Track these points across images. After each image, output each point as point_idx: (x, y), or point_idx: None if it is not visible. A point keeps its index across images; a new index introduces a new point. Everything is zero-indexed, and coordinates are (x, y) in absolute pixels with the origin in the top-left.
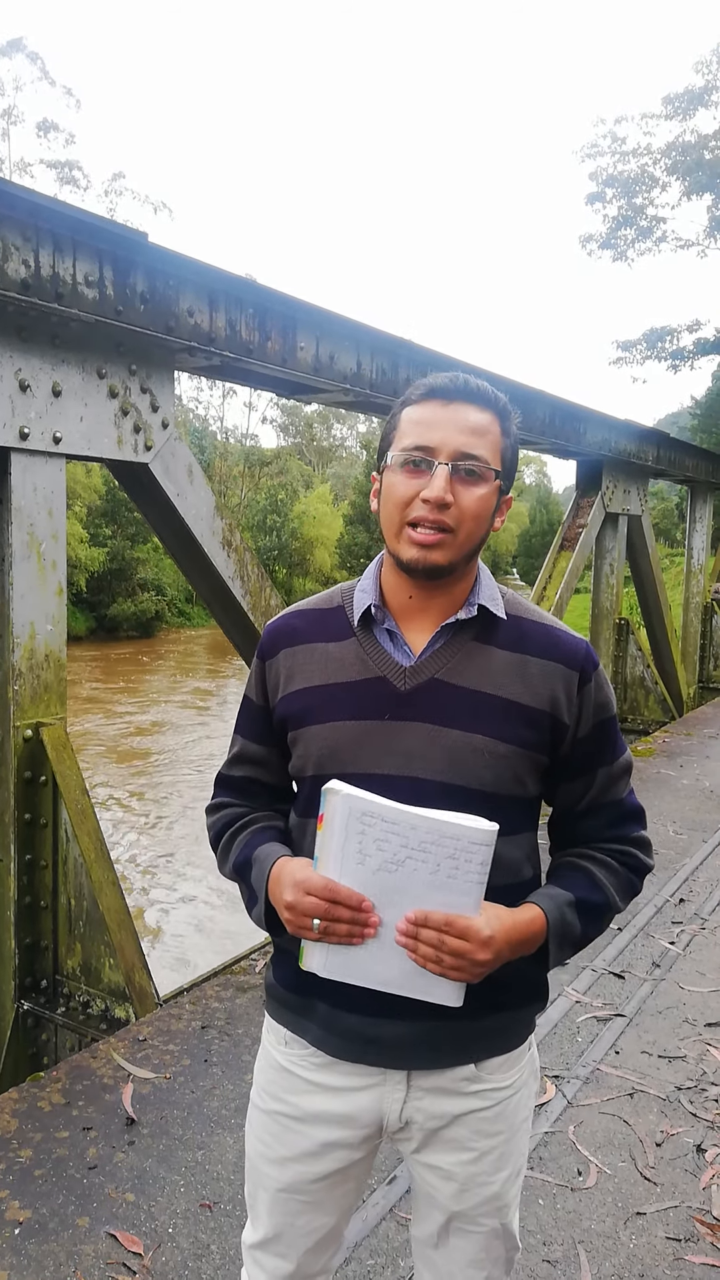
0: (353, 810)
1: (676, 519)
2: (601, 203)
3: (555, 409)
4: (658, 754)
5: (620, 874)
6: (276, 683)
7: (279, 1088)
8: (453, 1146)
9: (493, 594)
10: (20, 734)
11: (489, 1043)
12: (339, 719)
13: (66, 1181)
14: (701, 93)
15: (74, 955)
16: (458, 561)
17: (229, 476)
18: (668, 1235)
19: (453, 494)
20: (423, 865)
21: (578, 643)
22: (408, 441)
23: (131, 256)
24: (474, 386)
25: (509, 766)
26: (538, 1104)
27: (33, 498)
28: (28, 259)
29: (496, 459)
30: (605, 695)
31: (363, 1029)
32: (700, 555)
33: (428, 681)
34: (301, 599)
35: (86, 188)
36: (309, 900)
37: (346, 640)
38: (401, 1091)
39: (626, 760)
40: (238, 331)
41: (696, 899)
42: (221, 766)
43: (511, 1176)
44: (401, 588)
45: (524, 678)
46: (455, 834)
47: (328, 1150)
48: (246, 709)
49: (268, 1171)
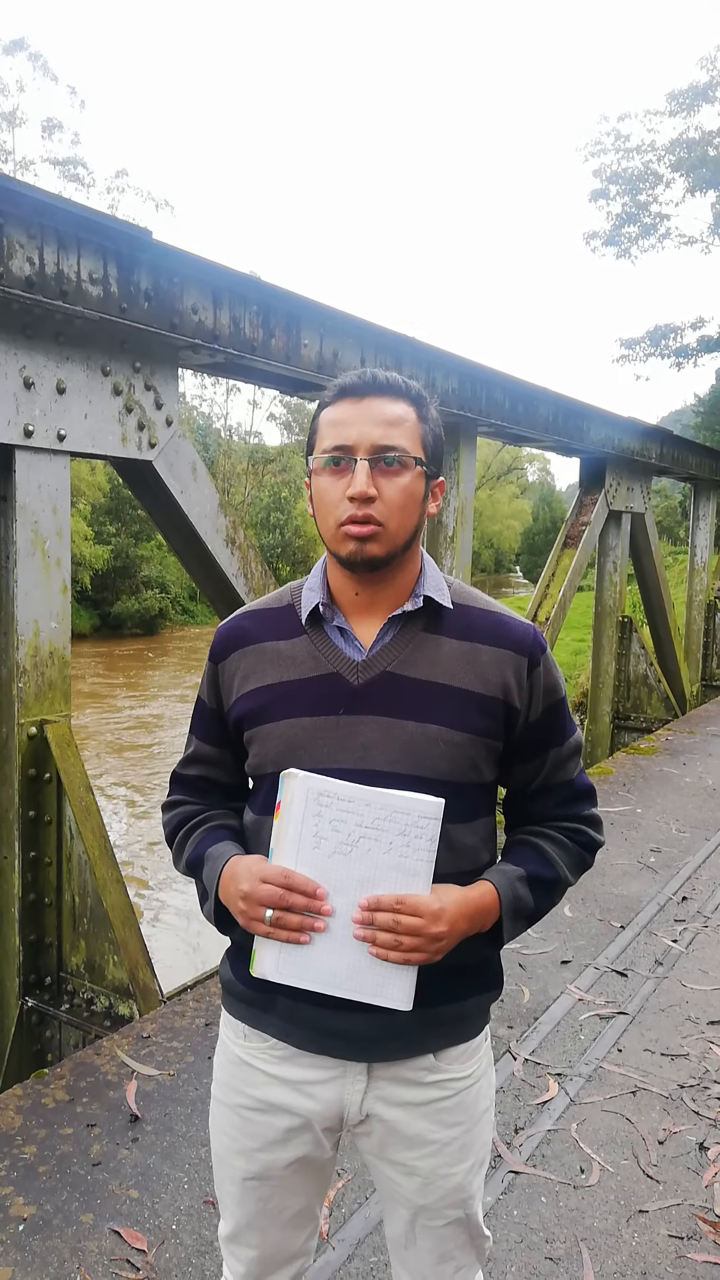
0: (310, 790)
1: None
2: (605, 200)
3: (558, 406)
4: (661, 752)
5: (571, 849)
6: (230, 684)
7: (239, 1081)
8: (414, 1141)
9: (438, 584)
10: (25, 731)
11: (447, 1032)
12: (295, 716)
13: (70, 1178)
14: (706, 88)
15: (78, 952)
16: (395, 551)
17: (233, 474)
18: (670, 1233)
19: (376, 487)
20: (376, 845)
21: (525, 628)
22: (327, 443)
23: (135, 254)
24: (383, 379)
25: (465, 754)
26: (539, 1101)
27: (37, 495)
28: (32, 256)
29: (416, 446)
30: (554, 678)
31: (324, 1021)
32: (703, 553)
33: (380, 675)
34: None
35: (90, 185)
36: (265, 888)
37: (298, 638)
38: (362, 1083)
39: (576, 741)
40: (241, 329)
41: (699, 897)
42: (176, 765)
43: (474, 1167)
44: (347, 585)
45: (475, 665)
46: (405, 808)
47: (292, 1136)
48: (200, 711)
49: (235, 1163)
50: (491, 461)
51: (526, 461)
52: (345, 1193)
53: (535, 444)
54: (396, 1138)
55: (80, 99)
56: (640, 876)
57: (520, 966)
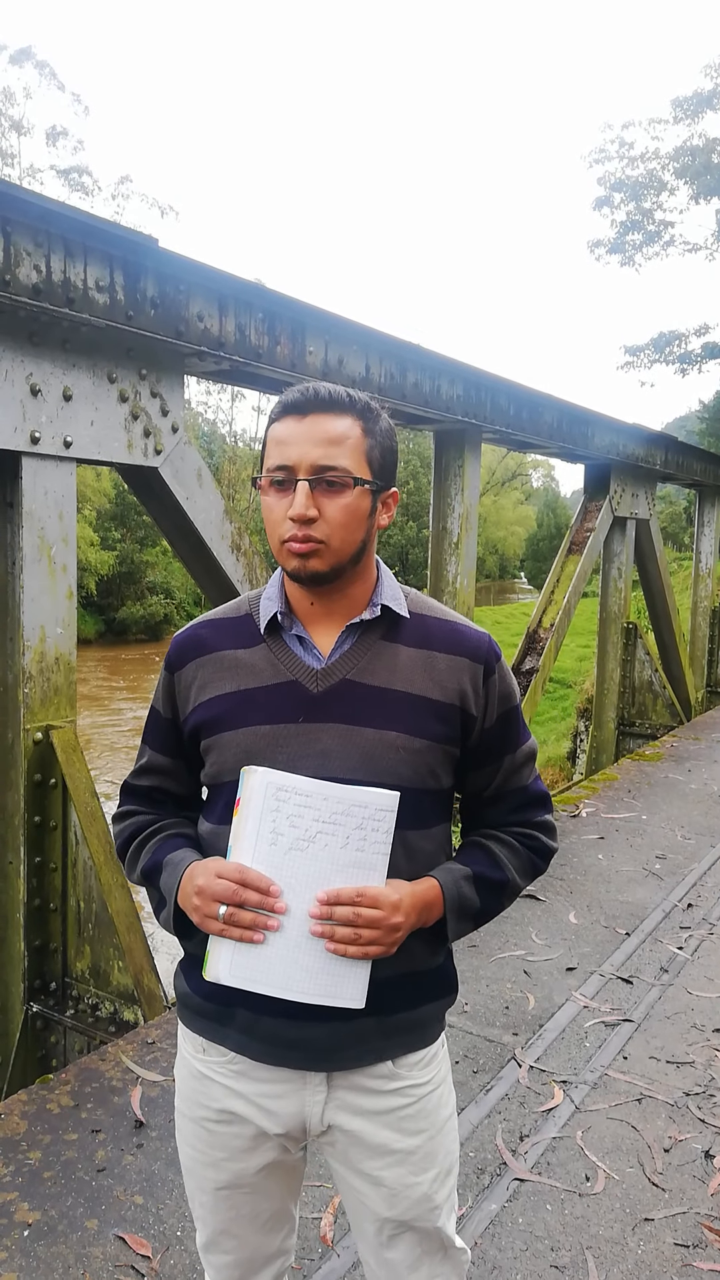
0: (269, 785)
1: (684, 523)
2: (609, 207)
3: (563, 413)
4: (666, 758)
5: (521, 854)
6: (187, 694)
7: (200, 1095)
8: (377, 1150)
9: (395, 594)
10: (30, 737)
11: (405, 1039)
12: (254, 724)
13: (75, 1184)
14: (710, 96)
15: (83, 958)
16: (341, 566)
17: (238, 480)
18: (676, 1241)
19: (317, 507)
20: (333, 840)
21: (480, 636)
22: (271, 461)
23: (142, 261)
24: (325, 394)
25: (423, 761)
26: (544, 1109)
27: (44, 501)
28: (39, 264)
29: (360, 464)
30: (508, 686)
31: (283, 1031)
32: (708, 559)
33: (339, 683)
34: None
35: (95, 193)
36: (219, 883)
37: (256, 647)
38: (322, 1093)
39: (530, 748)
40: (247, 336)
41: (705, 904)
42: (128, 776)
43: (440, 1176)
44: (303, 595)
45: (432, 673)
46: (363, 801)
47: (258, 1143)
48: (154, 720)
49: (205, 1174)
50: (496, 468)
51: (531, 468)
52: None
53: (540, 450)
54: (360, 1148)
55: (84, 105)
56: (645, 883)
57: (525, 973)
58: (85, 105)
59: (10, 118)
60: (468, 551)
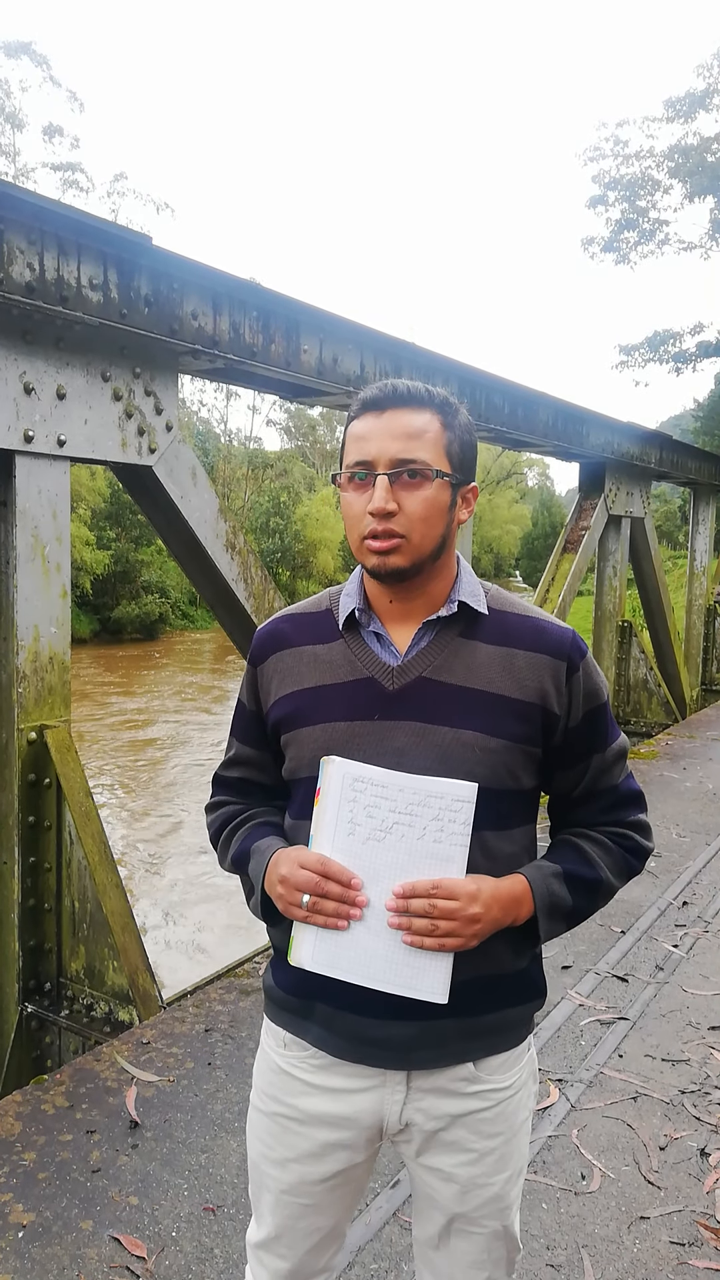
0: (345, 775)
1: (679, 521)
2: (604, 206)
3: (558, 411)
4: (660, 756)
5: (615, 852)
6: (269, 687)
7: (278, 1090)
8: (453, 1149)
9: (474, 590)
10: (24, 736)
11: (488, 1042)
12: (331, 720)
13: (70, 1185)
14: (703, 96)
15: (78, 958)
16: (422, 561)
17: (232, 479)
18: (671, 1239)
19: (397, 501)
20: (409, 831)
21: (564, 632)
22: (350, 458)
23: (136, 260)
24: (404, 390)
25: (500, 761)
26: (540, 1107)
27: (37, 500)
28: (32, 262)
29: (439, 457)
30: (595, 683)
31: (364, 1029)
32: (703, 557)
33: (415, 680)
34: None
35: (89, 190)
36: (302, 873)
37: (335, 643)
38: (401, 1093)
39: (620, 745)
40: (241, 334)
41: (700, 902)
42: (218, 768)
43: (512, 1178)
44: (382, 592)
45: (511, 671)
46: (439, 792)
47: (329, 1151)
48: (240, 713)
49: (270, 1172)
50: (491, 466)
51: (526, 466)
52: None
53: (535, 449)
54: (435, 1145)
55: (80, 102)
56: (641, 881)
57: None
58: (80, 102)
59: (6, 113)
60: (463, 550)
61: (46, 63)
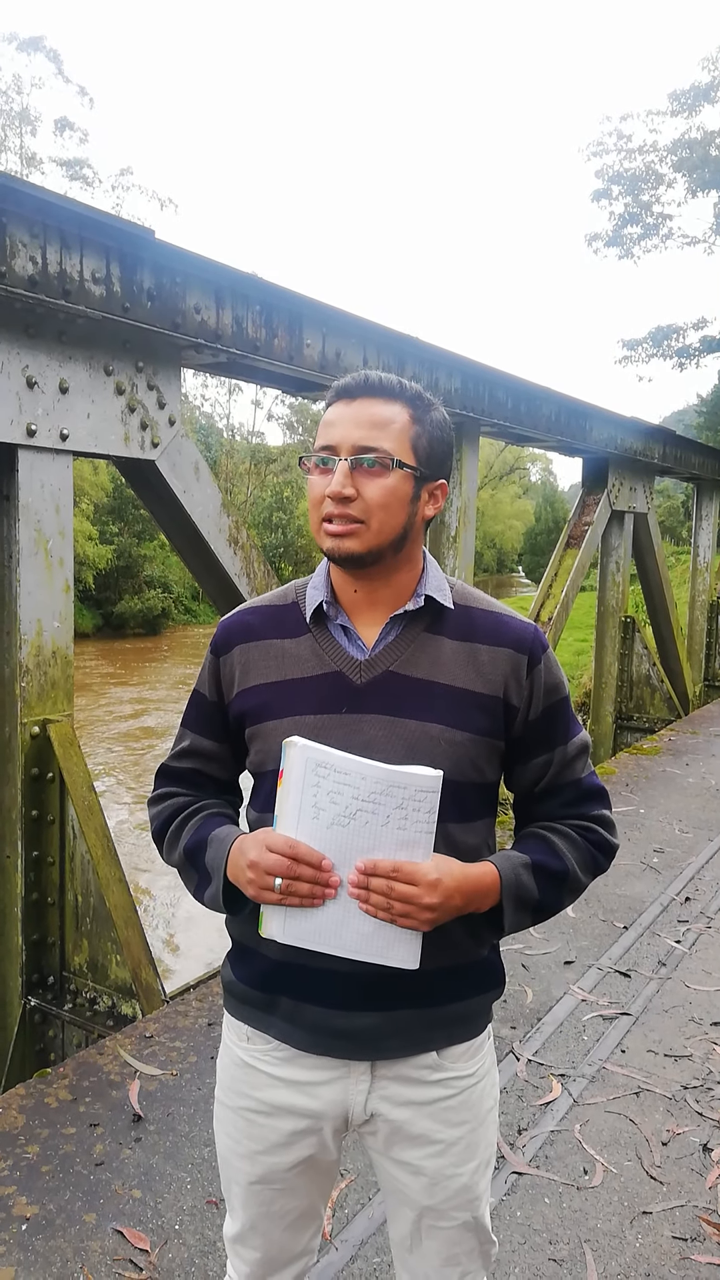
0: (309, 760)
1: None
2: (607, 200)
3: (561, 406)
4: (663, 752)
5: (581, 846)
6: (231, 678)
7: (243, 1084)
8: (419, 1141)
9: (440, 584)
10: (27, 731)
11: (450, 1031)
12: (299, 713)
13: (73, 1178)
14: (707, 89)
15: (81, 952)
16: (380, 548)
17: (235, 474)
18: (674, 1234)
19: (355, 487)
20: (373, 818)
21: (525, 627)
22: (318, 443)
23: (138, 253)
24: (376, 381)
25: (465, 754)
26: (542, 1102)
27: (40, 494)
28: (35, 256)
29: (404, 448)
30: (555, 677)
31: (327, 1020)
32: (706, 553)
33: (382, 674)
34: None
35: (95, 184)
36: (271, 857)
37: (301, 636)
38: (366, 1082)
39: (582, 740)
40: (244, 328)
41: (703, 897)
42: (167, 759)
43: (480, 1167)
44: (346, 583)
45: (475, 665)
46: (403, 782)
47: (296, 1139)
48: (198, 704)
49: (239, 1166)
50: (494, 461)
51: (529, 461)
52: (348, 1193)
53: (538, 444)
54: (402, 1137)
55: (89, 97)
56: (643, 877)
57: (523, 967)
58: (90, 98)
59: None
60: (465, 545)
61: (58, 58)
